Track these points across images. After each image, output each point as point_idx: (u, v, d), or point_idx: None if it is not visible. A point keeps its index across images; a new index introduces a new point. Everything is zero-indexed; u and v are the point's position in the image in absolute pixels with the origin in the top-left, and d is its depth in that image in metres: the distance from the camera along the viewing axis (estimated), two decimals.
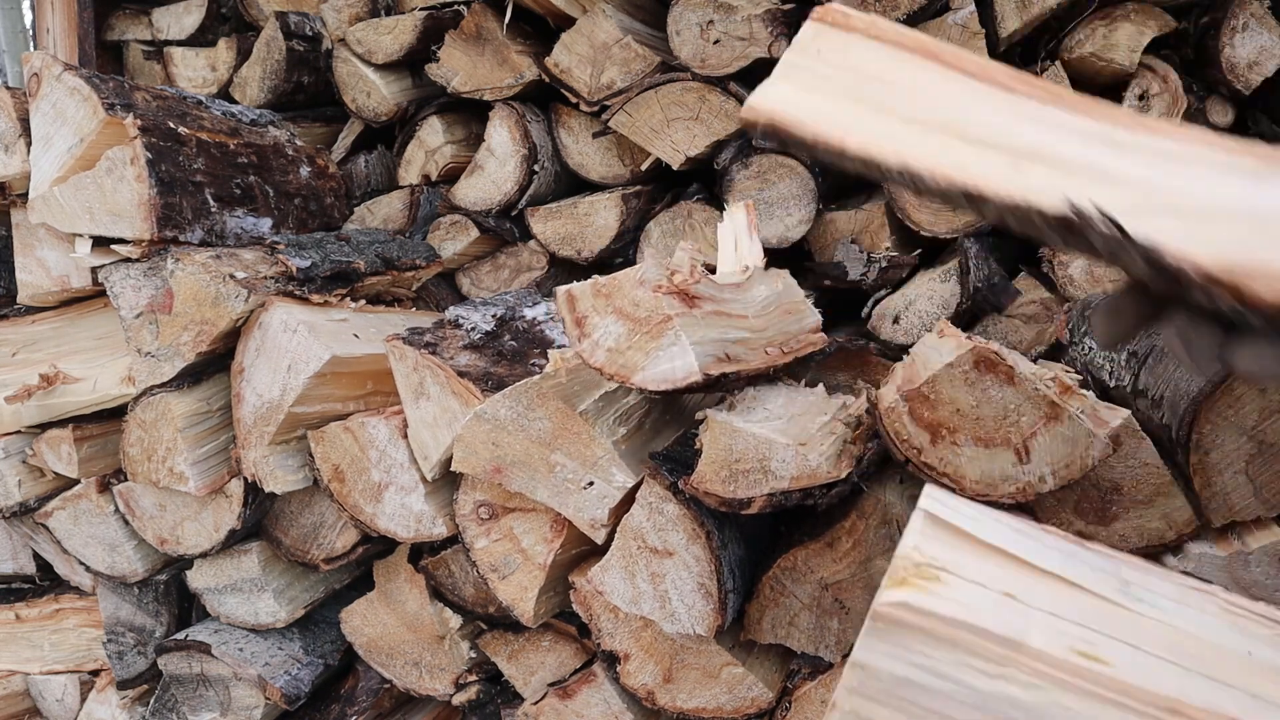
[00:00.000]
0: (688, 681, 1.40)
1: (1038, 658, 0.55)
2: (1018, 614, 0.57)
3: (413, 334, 1.50)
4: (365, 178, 2.43)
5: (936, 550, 0.58)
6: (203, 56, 2.58)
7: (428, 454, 1.46)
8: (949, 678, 0.55)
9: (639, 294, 1.15)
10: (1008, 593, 0.58)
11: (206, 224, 1.65)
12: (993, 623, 0.56)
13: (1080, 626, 0.57)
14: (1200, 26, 1.99)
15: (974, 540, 0.60)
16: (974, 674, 0.55)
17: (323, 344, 1.49)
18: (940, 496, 0.63)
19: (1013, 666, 0.55)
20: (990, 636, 0.55)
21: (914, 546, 0.58)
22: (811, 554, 1.30)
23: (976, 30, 1.90)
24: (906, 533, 0.60)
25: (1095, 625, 0.58)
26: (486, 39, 2.18)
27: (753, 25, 1.94)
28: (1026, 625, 0.56)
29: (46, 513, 1.74)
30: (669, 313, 1.13)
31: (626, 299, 1.16)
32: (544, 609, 1.46)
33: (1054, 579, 0.60)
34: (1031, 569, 0.60)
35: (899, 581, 0.56)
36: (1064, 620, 0.57)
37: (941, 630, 0.55)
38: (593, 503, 1.32)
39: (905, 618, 0.55)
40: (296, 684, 1.69)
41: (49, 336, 1.71)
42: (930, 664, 0.55)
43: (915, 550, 0.57)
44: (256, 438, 1.54)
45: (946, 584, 0.56)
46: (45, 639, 1.95)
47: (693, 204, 2.11)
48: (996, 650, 0.55)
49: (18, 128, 1.65)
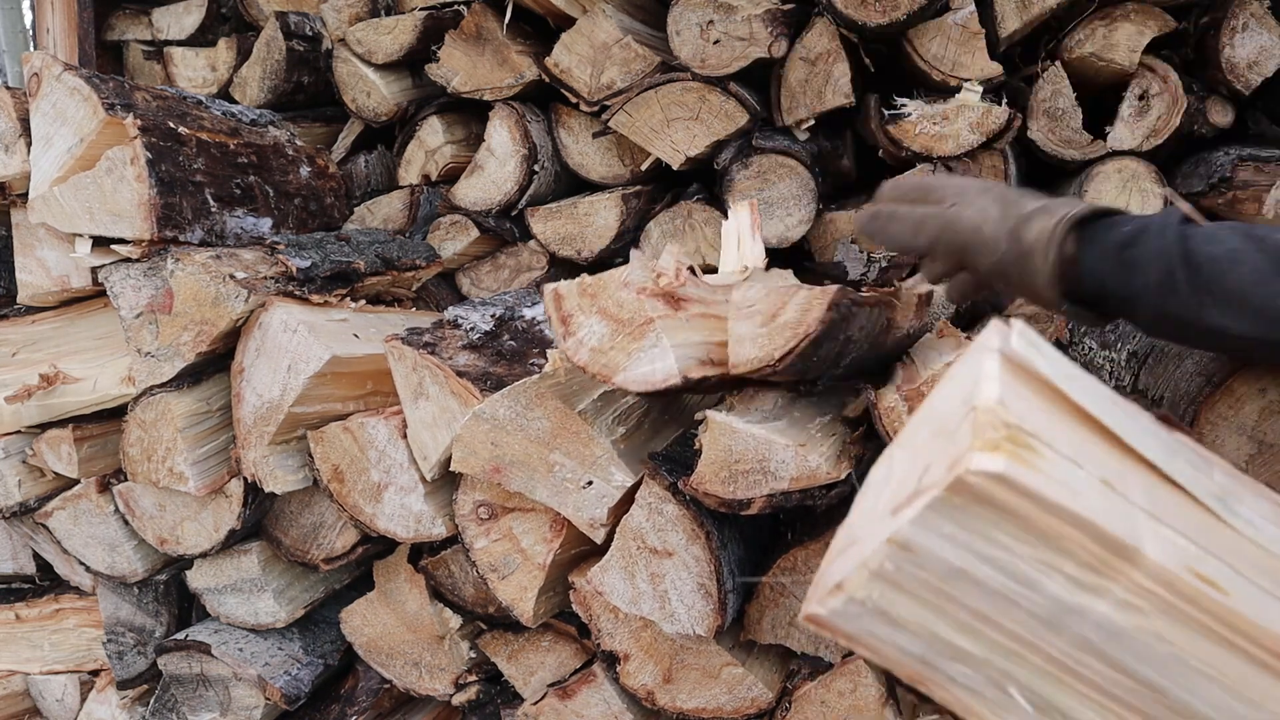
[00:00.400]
0: (687, 682, 1.40)
1: (1149, 573, 0.43)
2: (1125, 511, 0.43)
3: (412, 334, 1.50)
4: (365, 178, 2.43)
5: (1025, 410, 0.43)
6: (203, 56, 2.58)
7: (427, 454, 1.46)
8: (1023, 579, 0.42)
9: (623, 295, 1.15)
10: (1106, 480, 0.44)
11: (206, 224, 1.65)
12: (1102, 517, 0.42)
13: (1186, 539, 0.45)
14: (1200, 26, 1.99)
15: (1067, 402, 0.46)
16: (1061, 581, 0.42)
17: (323, 344, 1.49)
18: (1021, 330, 0.48)
19: (1115, 578, 0.42)
20: (1097, 534, 0.42)
21: (999, 401, 0.42)
22: (811, 554, 1.30)
23: (976, 30, 1.90)
24: (980, 374, 0.44)
25: (1200, 540, 0.45)
26: (486, 39, 2.18)
27: (753, 25, 1.94)
28: (1137, 529, 0.43)
29: (46, 513, 1.74)
30: (651, 315, 1.13)
31: (611, 299, 1.16)
32: (544, 609, 1.46)
33: (1152, 471, 0.47)
34: (1128, 453, 0.47)
35: (991, 445, 0.41)
36: (1168, 528, 0.44)
37: (1038, 518, 0.41)
38: (592, 502, 1.32)
39: (997, 494, 0.41)
40: (296, 684, 1.69)
41: (49, 336, 1.71)
42: (1004, 558, 0.42)
43: (1002, 407, 0.42)
44: (256, 438, 1.54)
45: (1045, 459, 0.42)
46: (45, 639, 1.95)
47: (693, 204, 2.11)
48: (1100, 554, 0.42)
49: (18, 128, 1.65)
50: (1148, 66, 1.97)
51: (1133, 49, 1.94)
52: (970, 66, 1.93)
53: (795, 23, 1.99)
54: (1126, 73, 1.96)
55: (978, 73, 1.92)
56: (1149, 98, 1.97)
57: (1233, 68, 1.94)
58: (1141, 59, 1.95)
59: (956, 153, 1.94)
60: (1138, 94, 1.98)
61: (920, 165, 1.98)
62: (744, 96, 1.98)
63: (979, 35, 1.91)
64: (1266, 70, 1.93)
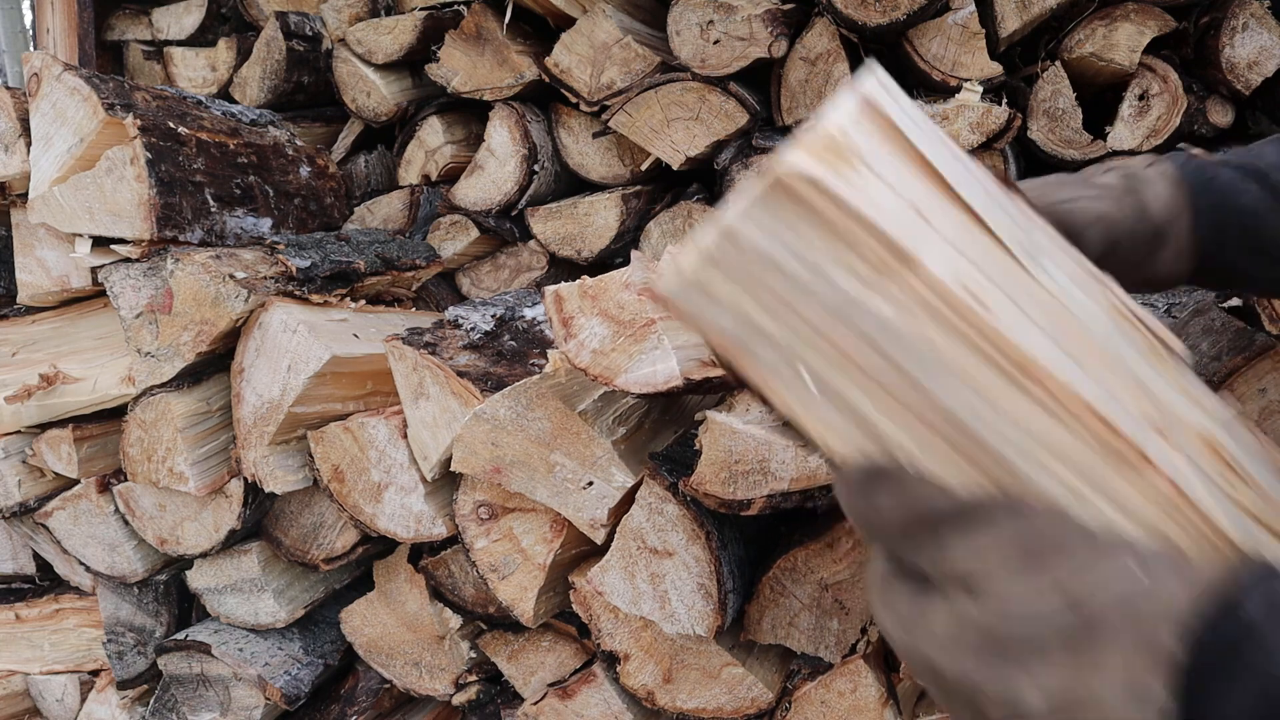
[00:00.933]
0: (688, 682, 1.40)
1: (924, 280, 0.49)
2: (920, 230, 0.50)
3: (412, 334, 1.50)
4: (365, 178, 2.43)
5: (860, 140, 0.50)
6: (203, 56, 2.58)
7: (427, 454, 1.46)
8: (820, 272, 0.49)
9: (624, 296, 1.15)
10: (916, 206, 0.51)
11: (206, 224, 1.65)
12: (892, 227, 0.49)
13: (975, 268, 0.52)
14: (1200, 26, 1.99)
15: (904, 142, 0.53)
16: (849, 276, 0.49)
17: (323, 344, 1.49)
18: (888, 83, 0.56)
19: (893, 280, 0.49)
20: (884, 240, 0.49)
21: (839, 126, 0.50)
22: (812, 554, 1.30)
23: (976, 30, 1.91)
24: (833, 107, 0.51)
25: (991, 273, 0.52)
26: (486, 39, 2.18)
27: (753, 25, 1.94)
28: (924, 244, 0.50)
29: (46, 513, 1.74)
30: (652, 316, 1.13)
31: (612, 301, 1.16)
32: (544, 609, 1.46)
33: (967, 212, 0.54)
34: (949, 194, 0.53)
35: (813, 154, 0.48)
36: (962, 257, 0.52)
37: (837, 219, 0.48)
38: (592, 503, 1.32)
39: (807, 194, 0.48)
40: (296, 684, 1.69)
41: (49, 336, 1.71)
42: (808, 252, 0.49)
43: (839, 131, 0.50)
44: (256, 438, 1.54)
45: (859, 174, 0.49)
46: (45, 639, 1.95)
47: (693, 204, 2.11)
48: (884, 257, 0.49)
49: (18, 128, 1.65)
50: (1148, 66, 1.97)
51: (1133, 49, 1.94)
52: (970, 66, 1.93)
53: (795, 23, 1.99)
54: (1126, 73, 1.96)
55: (978, 73, 1.92)
56: (1149, 98, 1.97)
57: (1233, 68, 1.94)
58: (1141, 59, 1.95)
59: None
60: (1138, 94, 1.98)
61: None
62: (744, 96, 1.98)
63: (979, 35, 1.91)
64: (1266, 70, 1.93)
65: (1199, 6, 1.99)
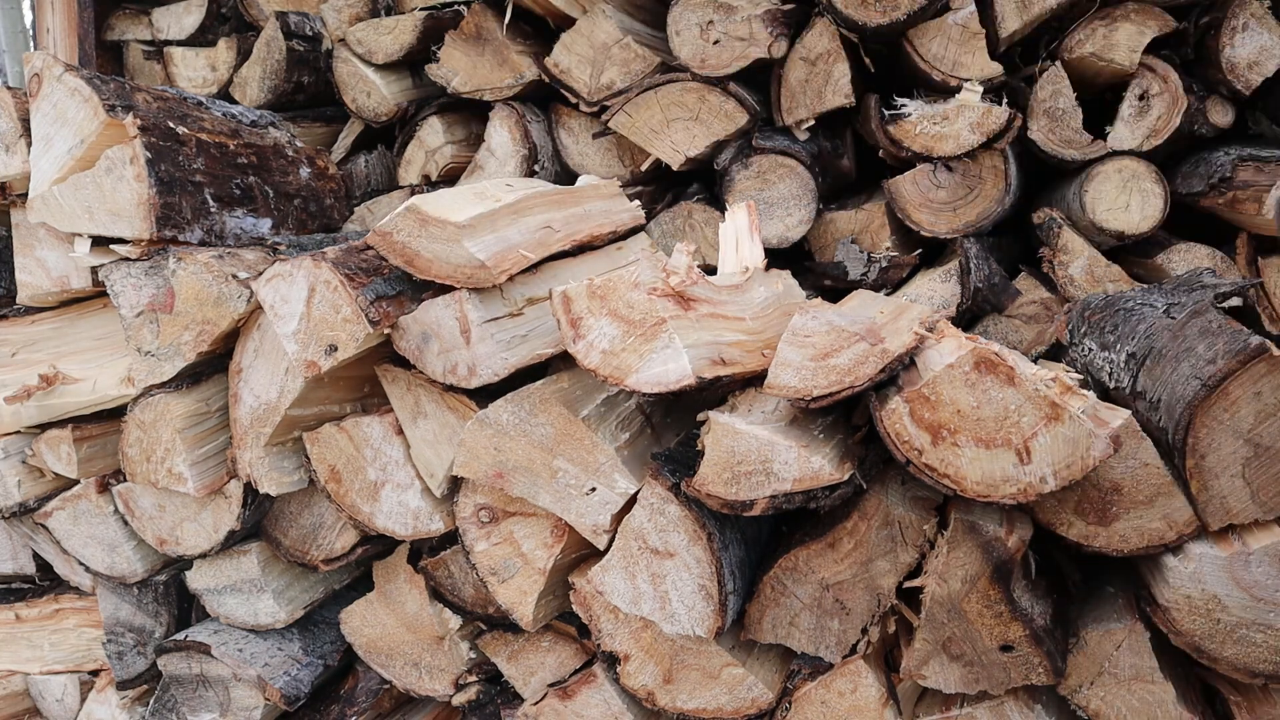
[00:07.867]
0: (688, 682, 1.40)
1: None
2: None
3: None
4: (365, 178, 2.43)
5: None
6: (203, 56, 2.58)
7: (433, 471, 1.46)
8: None
9: (634, 296, 1.15)
10: None
11: (206, 224, 1.65)
12: None
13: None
14: (1200, 26, 1.99)
15: None
16: None
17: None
18: None
19: None
20: None
21: None
22: (813, 554, 1.30)
23: (977, 30, 1.91)
24: None
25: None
26: (486, 39, 2.18)
27: (753, 25, 1.94)
28: None
29: (46, 513, 1.74)
30: (663, 315, 1.13)
31: (621, 301, 1.16)
32: (543, 613, 1.46)
33: None
34: None
35: None
36: None
37: None
38: (595, 508, 1.32)
39: None
40: (296, 684, 1.69)
41: (49, 336, 1.71)
42: None
43: None
44: (253, 439, 1.54)
45: None
46: (45, 639, 1.95)
47: (693, 204, 2.11)
48: None
49: (18, 128, 1.65)
50: (1148, 66, 1.97)
51: (1133, 49, 1.94)
52: (970, 66, 1.93)
53: (795, 23, 1.99)
54: (1126, 73, 1.96)
55: (978, 73, 1.92)
56: (1149, 98, 1.97)
57: (1233, 68, 1.94)
58: (1141, 59, 1.95)
59: (956, 153, 1.94)
60: (1138, 94, 1.98)
61: (920, 165, 1.98)
62: (744, 96, 1.98)
63: (979, 35, 1.91)
64: (1266, 70, 1.93)
65: (1199, 6, 1.99)
